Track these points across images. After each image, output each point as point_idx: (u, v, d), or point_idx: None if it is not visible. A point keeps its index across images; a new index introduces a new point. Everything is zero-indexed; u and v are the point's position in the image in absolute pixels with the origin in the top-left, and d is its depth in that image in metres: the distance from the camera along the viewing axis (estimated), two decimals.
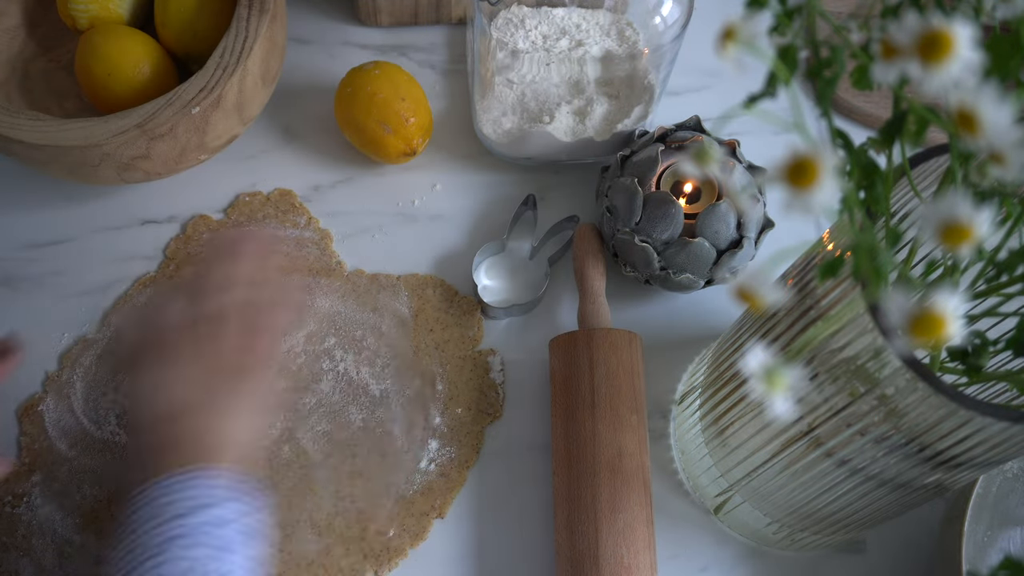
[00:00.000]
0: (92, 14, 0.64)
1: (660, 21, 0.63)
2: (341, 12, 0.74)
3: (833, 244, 0.40)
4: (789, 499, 0.49)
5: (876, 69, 0.26)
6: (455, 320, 0.62)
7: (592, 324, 0.58)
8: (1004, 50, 0.27)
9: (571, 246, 0.63)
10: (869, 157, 0.33)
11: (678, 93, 0.71)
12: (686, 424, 0.57)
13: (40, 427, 0.58)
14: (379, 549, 0.56)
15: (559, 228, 0.64)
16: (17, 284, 0.63)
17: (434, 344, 0.61)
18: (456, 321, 0.62)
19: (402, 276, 0.63)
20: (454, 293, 0.63)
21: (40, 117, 0.56)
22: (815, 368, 0.40)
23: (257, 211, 0.65)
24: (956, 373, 0.39)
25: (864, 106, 0.70)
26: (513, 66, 0.64)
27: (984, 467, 0.39)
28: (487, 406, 0.60)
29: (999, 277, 0.36)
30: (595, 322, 0.59)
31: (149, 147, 0.57)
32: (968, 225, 0.25)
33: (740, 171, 0.60)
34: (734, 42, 0.29)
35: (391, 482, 0.57)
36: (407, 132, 0.63)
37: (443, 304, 0.63)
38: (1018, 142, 0.24)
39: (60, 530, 0.55)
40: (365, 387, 0.59)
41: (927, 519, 0.57)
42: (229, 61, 0.58)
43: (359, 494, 0.57)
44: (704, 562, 0.57)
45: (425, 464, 0.58)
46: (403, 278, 0.63)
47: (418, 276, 0.64)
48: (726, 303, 0.63)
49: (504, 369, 0.61)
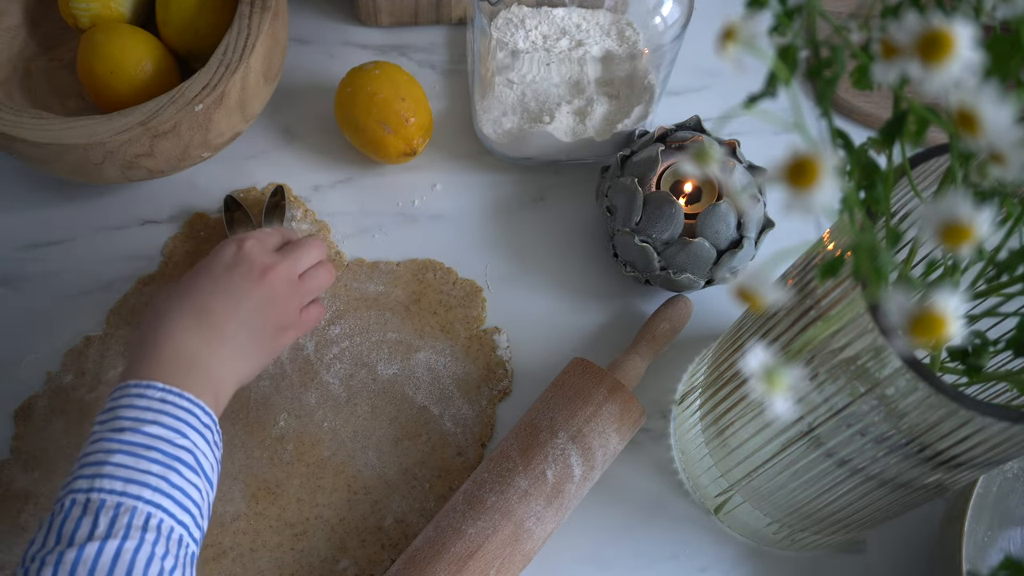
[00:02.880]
0: (94, 13, 0.64)
1: (660, 21, 0.63)
2: (341, 12, 0.74)
3: (833, 244, 0.40)
4: (789, 499, 0.49)
5: (876, 69, 0.26)
6: (458, 301, 0.63)
7: (621, 377, 0.57)
8: (1004, 50, 0.27)
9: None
10: (869, 157, 0.33)
11: (678, 93, 0.71)
12: (686, 424, 0.57)
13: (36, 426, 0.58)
14: (397, 537, 0.56)
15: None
16: (17, 284, 0.63)
17: (439, 326, 0.62)
18: (459, 302, 0.63)
19: (402, 262, 0.64)
20: (455, 275, 0.64)
21: (43, 115, 0.56)
22: (815, 368, 0.40)
23: (252, 206, 0.65)
24: (956, 373, 0.39)
25: (864, 106, 0.70)
26: (513, 66, 0.64)
27: (984, 467, 0.39)
28: (497, 383, 0.60)
29: (999, 277, 0.36)
30: (625, 378, 0.57)
31: (152, 145, 0.57)
32: (968, 225, 0.25)
33: (740, 171, 0.60)
34: (734, 42, 0.29)
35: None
36: (407, 132, 0.63)
37: (444, 286, 0.63)
38: (1018, 142, 0.24)
39: None
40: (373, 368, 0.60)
41: (927, 519, 0.57)
42: (232, 58, 0.58)
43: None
44: (704, 562, 0.57)
45: (441, 444, 0.58)
46: (403, 263, 0.64)
47: (417, 261, 0.64)
48: (726, 303, 0.63)
49: (511, 346, 0.62)
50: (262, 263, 0.51)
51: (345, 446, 0.58)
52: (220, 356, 0.48)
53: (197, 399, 0.46)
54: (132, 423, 0.43)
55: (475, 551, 0.51)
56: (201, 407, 0.46)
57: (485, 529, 0.51)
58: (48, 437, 0.58)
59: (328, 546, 0.56)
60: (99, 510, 0.40)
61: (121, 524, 0.40)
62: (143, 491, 0.41)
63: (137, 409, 0.44)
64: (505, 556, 0.51)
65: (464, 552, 0.51)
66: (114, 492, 0.41)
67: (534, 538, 0.53)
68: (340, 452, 0.58)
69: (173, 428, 0.44)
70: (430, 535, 0.52)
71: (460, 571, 0.50)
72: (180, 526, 0.42)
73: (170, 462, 0.43)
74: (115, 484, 0.41)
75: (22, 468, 0.57)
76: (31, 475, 0.57)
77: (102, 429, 0.44)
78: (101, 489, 0.41)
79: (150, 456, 0.43)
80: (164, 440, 0.43)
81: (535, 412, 0.56)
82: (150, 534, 0.41)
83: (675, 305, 0.60)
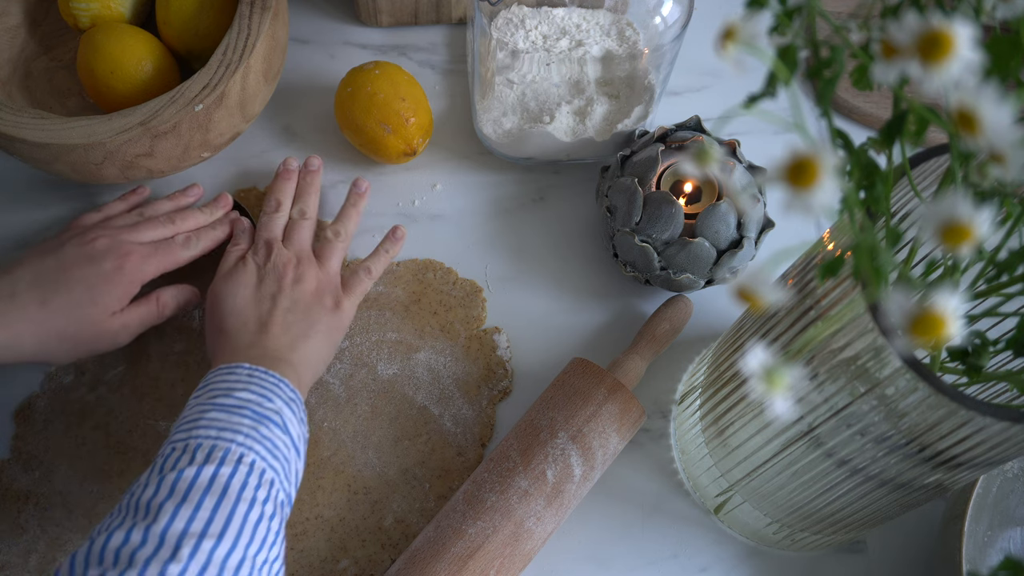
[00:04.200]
0: (94, 13, 0.64)
1: (660, 21, 0.63)
2: (341, 12, 0.74)
3: (833, 244, 0.40)
4: (789, 499, 0.49)
5: (876, 69, 0.26)
6: (458, 301, 0.63)
7: (621, 377, 0.57)
8: (1004, 50, 0.27)
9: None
10: (869, 157, 0.33)
11: (678, 93, 0.71)
12: (686, 424, 0.57)
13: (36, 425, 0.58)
14: (397, 537, 0.56)
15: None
16: None
17: (439, 326, 0.62)
18: (459, 302, 0.63)
19: (402, 262, 0.64)
20: (455, 275, 0.64)
21: (44, 116, 0.56)
22: (815, 368, 0.40)
23: (252, 206, 0.65)
24: (956, 373, 0.39)
25: (864, 106, 0.70)
26: (513, 66, 0.64)
27: (984, 467, 0.39)
28: (497, 383, 0.60)
29: (999, 277, 0.36)
30: (625, 378, 0.57)
31: (152, 145, 0.57)
32: (968, 225, 0.25)
33: (740, 171, 0.60)
34: (734, 42, 0.29)
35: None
36: (407, 132, 0.63)
37: (444, 286, 0.63)
38: (1018, 142, 0.24)
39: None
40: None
41: (927, 519, 0.57)
42: (232, 58, 0.58)
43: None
44: (704, 562, 0.57)
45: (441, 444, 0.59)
46: (403, 263, 0.64)
47: (417, 261, 0.64)
48: (726, 303, 0.63)
49: (511, 346, 0.62)
50: (282, 263, 0.57)
51: (345, 446, 0.58)
52: (287, 346, 0.53)
53: (282, 376, 0.50)
54: (224, 391, 0.48)
55: (475, 551, 0.51)
56: (286, 383, 0.50)
57: (485, 529, 0.51)
58: (48, 437, 0.58)
59: (328, 546, 0.56)
60: (196, 449, 0.44)
61: (216, 456, 0.43)
62: (236, 436, 0.45)
63: (228, 382, 0.48)
64: (505, 556, 0.51)
65: (464, 552, 0.51)
66: (209, 437, 0.44)
67: (534, 538, 0.53)
68: (340, 452, 0.58)
69: (261, 394, 0.48)
70: (430, 535, 0.52)
71: (460, 571, 0.50)
72: (271, 469, 0.45)
73: (260, 419, 0.46)
74: (210, 431, 0.45)
75: (22, 468, 0.57)
76: (31, 475, 0.57)
77: (195, 401, 0.48)
78: (198, 436, 0.45)
79: (241, 413, 0.46)
80: (254, 403, 0.47)
81: (535, 412, 0.56)
82: (243, 467, 0.44)
83: (675, 305, 0.60)
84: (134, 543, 0.38)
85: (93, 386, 0.59)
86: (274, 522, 0.43)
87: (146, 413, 0.59)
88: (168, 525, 0.39)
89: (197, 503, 0.41)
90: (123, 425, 0.58)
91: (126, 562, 0.37)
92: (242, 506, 0.42)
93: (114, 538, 0.39)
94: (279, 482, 0.45)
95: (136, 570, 0.37)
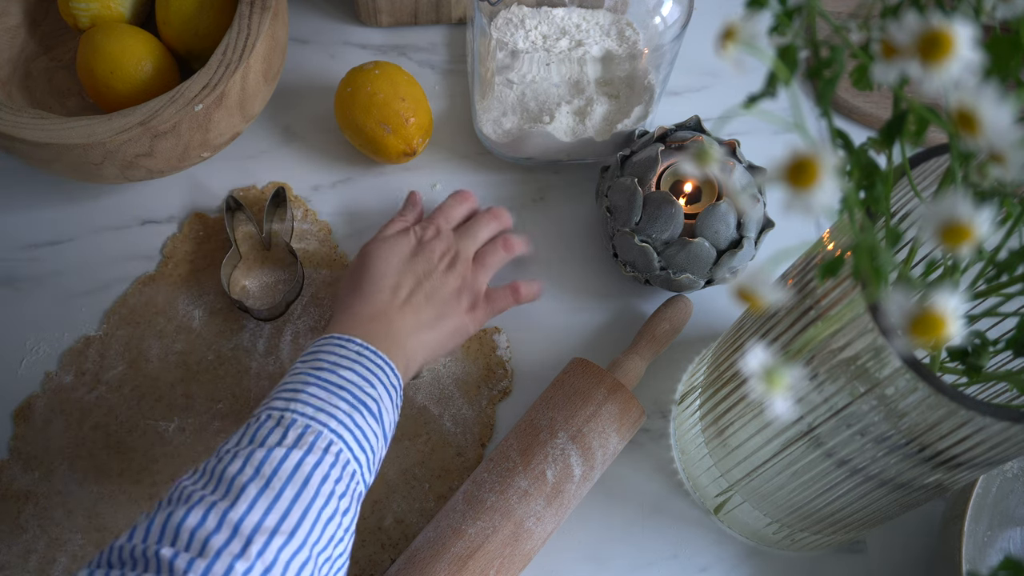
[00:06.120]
0: (93, 13, 0.64)
1: (660, 21, 0.63)
2: (341, 12, 0.74)
3: (833, 244, 0.40)
4: (789, 499, 0.49)
5: (876, 69, 0.26)
6: None
7: (621, 377, 0.57)
8: (1004, 50, 0.27)
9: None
10: (869, 157, 0.33)
11: (678, 93, 0.71)
12: (686, 424, 0.57)
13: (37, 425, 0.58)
14: (397, 537, 0.56)
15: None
16: (17, 284, 0.63)
17: None
18: None
19: None
20: None
21: (43, 115, 0.56)
22: (815, 368, 0.40)
23: (253, 206, 0.65)
24: (956, 373, 0.39)
25: (864, 106, 0.70)
26: (513, 66, 0.64)
27: (984, 467, 0.39)
28: (496, 383, 0.60)
29: (999, 277, 0.36)
30: (625, 378, 0.57)
31: (152, 145, 0.57)
32: (968, 225, 0.25)
33: (740, 171, 0.60)
34: (734, 42, 0.29)
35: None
36: (407, 132, 0.63)
37: None
38: (1018, 142, 0.24)
39: None
40: None
41: (927, 519, 0.57)
42: (232, 58, 0.58)
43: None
44: (704, 562, 0.57)
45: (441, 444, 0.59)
46: None
47: None
48: (726, 303, 0.63)
49: (511, 346, 0.62)
50: (441, 249, 0.57)
51: None
52: (410, 329, 0.53)
53: (390, 360, 0.50)
54: (331, 365, 0.48)
55: (475, 551, 0.51)
56: (392, 368, 0.50)
57: (485, 529, 0.51)
58: (48, 437, 0.58)
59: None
60: (290, 425, 0.44)
61: (306, 441, 0.44)
62: (330, 420, 0.45)
63: (336, 356, 0.49)
64: (505, 556, 0.51)
65: (464, 552, 0.51)
66: (305, 415, 0.45)
67: (534, 538, 0.53)
68: None
69: (365, 377, 0.48)
70: (430, 535, 0.52)
71: (460, 571, 0.50)
72: (355, 461, 0.45)
73: (357, 404, 0.47)
74: (307, 409, 0.45)
75: (22, 468, 0.57)
76: (31, 475, 0.57)
77: (303, 367, 0.48)
78: (295, 411, 0.45)
79: (341, 395, 0.46)
80: (355, 385, 0.47)
81: (535, 412, 0.56)
82: (329, 457, 0.44)
83: (675, 305, 0.60)
84: (209, 528, 0.39)
85: (93, 386, 0.59)
86: (346, 517, 0.44)
87: (146, 413, 0.59)
88: (245, 515, 0.40)
89: (278, 492, 0.41)
90: (123, 425, 0.58)
91: (199, 548, 0.38)
92: (319, 501, 0.42)
93: (191, 517, 0.39)
94: (360, 474, 0.46)
95: (207, 560, 0.38)
